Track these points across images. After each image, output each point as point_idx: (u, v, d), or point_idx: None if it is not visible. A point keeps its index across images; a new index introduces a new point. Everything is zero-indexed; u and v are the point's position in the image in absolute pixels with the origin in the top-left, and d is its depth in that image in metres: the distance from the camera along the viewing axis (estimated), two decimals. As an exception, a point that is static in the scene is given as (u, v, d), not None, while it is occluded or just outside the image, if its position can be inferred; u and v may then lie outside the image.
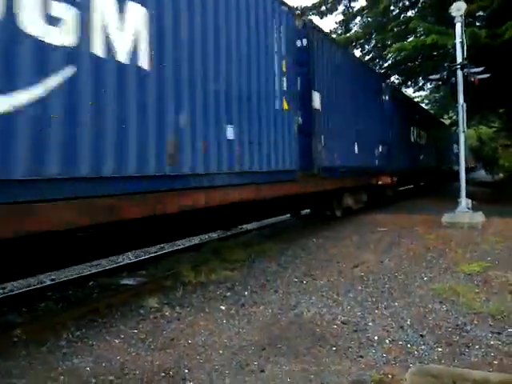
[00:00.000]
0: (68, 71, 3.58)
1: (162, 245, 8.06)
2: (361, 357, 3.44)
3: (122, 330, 4.07)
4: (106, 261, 6.98)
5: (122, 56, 4.13)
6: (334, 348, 3.60)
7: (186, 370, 3.28)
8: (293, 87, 7.37)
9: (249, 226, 9.83)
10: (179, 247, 7.99)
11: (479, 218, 9.51)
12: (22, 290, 5.56)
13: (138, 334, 3.98)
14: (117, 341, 3.85)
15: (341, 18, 20.46)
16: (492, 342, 3.62)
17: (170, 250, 7.85)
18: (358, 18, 20.31)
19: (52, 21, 3.48)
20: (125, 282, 5.99)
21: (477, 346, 3.55)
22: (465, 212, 9.76)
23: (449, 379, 2.87)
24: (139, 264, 6.85)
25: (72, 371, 3.31)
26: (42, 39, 3.40)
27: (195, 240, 8.74)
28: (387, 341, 3.72)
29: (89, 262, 6.59)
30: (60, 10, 3.53)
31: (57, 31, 3.51)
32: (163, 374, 3.22)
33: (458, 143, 11.81)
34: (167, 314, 4.48)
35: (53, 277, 6.28)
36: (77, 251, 5.05)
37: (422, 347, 3.57)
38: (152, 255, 7.48)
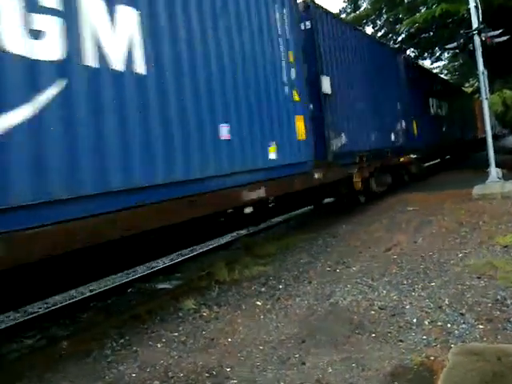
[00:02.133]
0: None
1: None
2: (401, 341, 3.42)
3: (163, 334, 4.17)
4: (141, 267, 7.12)
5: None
6: (374, 334, 3.60)
7: (229, 369, 3.34)
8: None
9: (276, 219, 9.84)
10: (209, 247, 8.08)
11: (512, 186, 9.26)
12: (64, 303, 5.74)
13: (178, 337, 4.07)
14: (159, 345, 3.95)
15: (349, -5, 20.08)
16: (535, 315, 3.55)
17: (202, 250, 7.95)
18: (367, -6, 19.88)
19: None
20: (161, 286, 6.12)
21: (519, 320, 3.49)
22: (496, 182, 9.52)
23: (492, 356, 2.84)
24: (174, 267, 6.98)
25: (119, 378, 3.42)
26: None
27: (226, 238, 8.81)
28: (426, 322, 3.69)
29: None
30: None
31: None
32: (207, 375, 3.29)
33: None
34: (205, 314, 4.56)
35: (92, 287, 6.46)
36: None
37: (463, 326, 3.53)
38: (185, 257, 7.60)
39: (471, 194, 9.30)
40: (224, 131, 5.27)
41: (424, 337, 3.44)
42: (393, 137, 11.66)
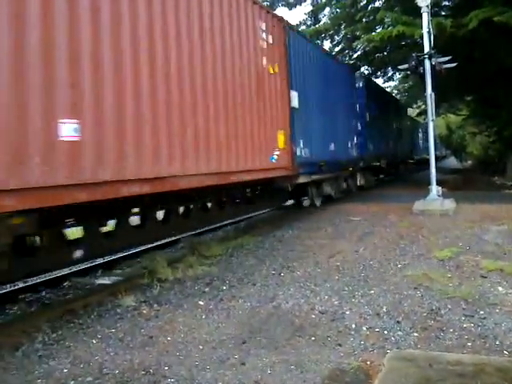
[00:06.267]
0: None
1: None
2: (339, 345, 3.49)
3: (99, 331, 4.01)
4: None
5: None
6: (313, 338, 3.64)
7: (166, 367, 3.26)
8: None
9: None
10: (153, 244, 7.88)
11: (450, 204, 9.75)
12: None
13: (115, 334, 3.93)
14: (94, 341, 3.80)
15: (310, 8, 20.52)
16: (465, 325, 3.72)
17: (146, 247, 7.74)
18: (327, 9, 20.39)
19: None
20: (100, 281, 5.90)
21: (451, 330, 3.65)
22: (435, 199, 9.99)
23: (425, 362, 2.95)
24: (113, 263, 6.74)
25: (49, 374, 3.25)
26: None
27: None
28: (364, 328, 3.78)
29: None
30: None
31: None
32: (143, 372, 3.20)
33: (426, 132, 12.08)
34: (145, 312, 4.45)
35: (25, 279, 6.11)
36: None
37: (399, 333, 3.65)
38: (127, 253, 7.37)
39: (412, 209, 9.71)
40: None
41: (362, 342, 3.52)
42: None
